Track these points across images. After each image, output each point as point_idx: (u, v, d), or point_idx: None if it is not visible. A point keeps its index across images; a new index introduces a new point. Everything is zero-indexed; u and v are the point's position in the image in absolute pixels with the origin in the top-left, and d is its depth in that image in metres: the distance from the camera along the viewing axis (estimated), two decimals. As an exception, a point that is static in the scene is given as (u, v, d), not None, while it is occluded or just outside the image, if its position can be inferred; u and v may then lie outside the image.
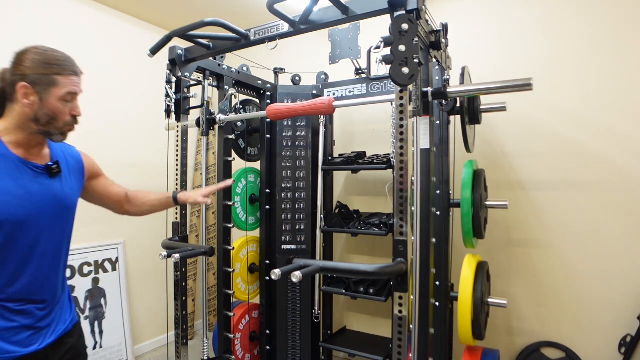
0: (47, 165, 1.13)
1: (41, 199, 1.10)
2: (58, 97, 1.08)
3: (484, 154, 2.40)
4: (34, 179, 1.09)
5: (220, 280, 2.22)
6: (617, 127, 2.12)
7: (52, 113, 1.08)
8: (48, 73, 1.06)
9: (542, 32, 2.29)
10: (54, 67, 1.07)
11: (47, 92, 1.06)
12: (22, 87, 1.04)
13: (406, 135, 1.27)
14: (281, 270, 1.17)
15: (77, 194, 1.26)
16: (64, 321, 1.20)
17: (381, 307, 2.73)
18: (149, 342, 3.11)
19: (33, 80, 1.05)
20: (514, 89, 1.44)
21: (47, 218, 1.12)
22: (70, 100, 1.11)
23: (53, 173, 1.14)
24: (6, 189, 1.03)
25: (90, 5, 2.75)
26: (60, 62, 1.09)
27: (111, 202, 1.43)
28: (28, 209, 1.07)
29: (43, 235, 1.11)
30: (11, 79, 1.06)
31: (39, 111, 1.06)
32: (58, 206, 1.15)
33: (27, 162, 1.09)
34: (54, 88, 1.07)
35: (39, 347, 1.10)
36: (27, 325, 1.08)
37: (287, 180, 2.48)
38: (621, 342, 2.10)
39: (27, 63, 1.06)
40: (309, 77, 2.68)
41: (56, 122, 1.10)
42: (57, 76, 1.07)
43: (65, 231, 1.21)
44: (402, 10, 1.29)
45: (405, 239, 1.27)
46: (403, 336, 1.26)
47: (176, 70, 1.93)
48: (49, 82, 1.06)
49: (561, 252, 2.25)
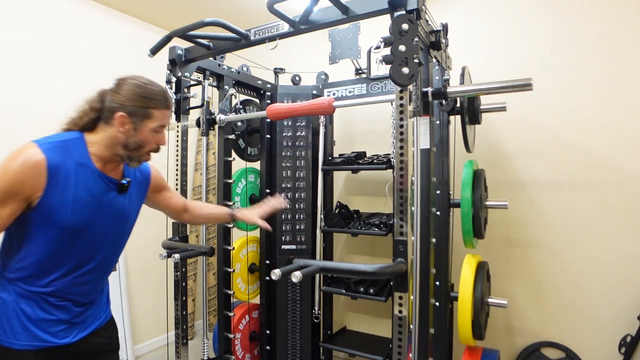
0: (120, 183, 1.21)
1: (107, 212, 1.17)
2: (150, 129, 1.16)
3: (484, 154, 2.40)
4: (105, 192, 1.17)
5: (220, 280, 2.22)
6: (617, 127, 2.12)
7: (141, 142, 1.16)
8: (145, 106, 1.13)
9: (542, 32, 2.29)
10: (152, 101, 1.14)
11: (142, 123, 1.14)
12: (120, 116, 1.12)
13: (406, 135, 1.27)
14: (281, 270, 1.17)
15: (138, 209, 1.34)
16: (98, 318, 1.26)
17: (381, 307, 2.73)
18: (149, 342, 3.11)
19: (131, 111, 1.12)
20: (514, 89, 1.44)
21: (108, 230, 1.19)
22: (159, 132, 1.19)
23: (122, 190, 1.22)
24: (80, 197, 1.10)
25: (89, 5, 2.74)
26: (157, 96, 1.16)
27: (169, 211, 1.55)
28: (94, 219, 1.14)
29: (100, 245, 1.19)
30: (110, 105, 1.13)
31: (130, 138, 1.14)
32: (119, 221, 1.23)
33: (102, 175, 1.16)
34: (148, 120, 1.15)
35: (72, 340, 1.16)
36: (63, 319, 1.14)
37: (287, 180, 2.48)
38: (621, 342, 2.10)
39: (127, 93, 1.13)
40: (309, 77, 2.68)
41: (142, 149, 1.18)
42: (152, 110, 1.15)
43: (120, 244, 1.29)
44: (402, 10, 1.29)
45: (405, 239, 1.27)
46: (403, 336, 1.26)
47: (176, 70, 1.93)
48: (144, 115, 1.14)
49: (561, 252, 2.25)
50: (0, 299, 1.09)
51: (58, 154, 1.06)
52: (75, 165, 1.09)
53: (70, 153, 1.09)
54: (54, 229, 1.07)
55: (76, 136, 1.13)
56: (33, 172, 1.01)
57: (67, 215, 1.07)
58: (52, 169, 1.04)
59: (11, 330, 1.07)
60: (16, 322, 1.07)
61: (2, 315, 1.08)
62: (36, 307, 1.10)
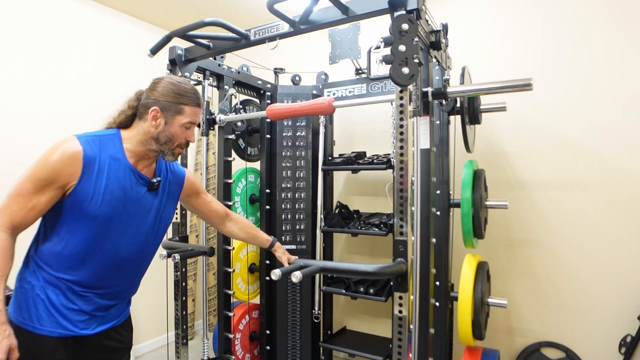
0: (150, 181, 1.26)
1: (134, 206, 1.22)
2: (180, 124, 1.22)
3: (484, 154, 2.40)
4: (135, 187, 1.21)
5: (220, 280, 2.22)
6: (618, 127, 2.12)
7: (171, 136, 1.22)
8: (177, 102, 1.20)
9: (542, 32, 2.29)
10: (183, 97, 1.21)
11: (173, 118, 1.21)
12: (153, 110, 1.19)
13: (406, 135, 1.27)
14: (281, 270, 1.17)
15: (169, 211, 1.36)
16: (118, 314, 1.30)
17: (381, 307, 2.73)
18: (149, 342, 3.11)
19: (164, 106, 1.20)
20: (514, 89, 1.44)
21: (133, 225, 1.22)
22: (189, 128, 1.25)
23: (153, 188, 1.27)
24: (111, 188, 1.15)
25: (89, 5, 2.74)
26: (189, 94, 1.22)
27: (211, 218, 1.57)
28: (120, 210, 1.18)
29: (127, 239, 1.21)
30: (145, 101, 1.21)
31: (161, 132, 1.21)
32: (147, 217, 1.26)
33: (135, 171, 1.22)
34: (179, 116, 1.21)
35: (90, 332, 1.20)
36: (85, 310, 1.18)
37: (287, 180, 2.48)
38: (621, 342, 2.10)
39: (161, 90, 1.21)
40: (309, 77, 2.68)
41: (171, 144, 1.23)
42: (184, 106, 1.21)
43: (149, 244, 1.30)
44: (402, 10, 1.29)
45: (405, 239, 1.27)
46: (403, 336, 1.26)
47: (176, 70, 1.93)
48: (176, 110, 1.21)
49: (561, 252, 2.25)
50: (29, 283, 1.13)
51: (94, 147, 1.14)
52: (109, 159, 1.16)
53: (105, 147, 1.16)
54: (84, 218, 1.12)
55: (113, 132, 1.21)
56: (70, 161, 1.09)
57: (97, 204, 1.12)
58: (87, 159, 1.11)
59: (37, 314, 1.11)
60: (42, 307, 1.12)
61: (30, 300, 1.12)
62: (61, 295, 1.14)
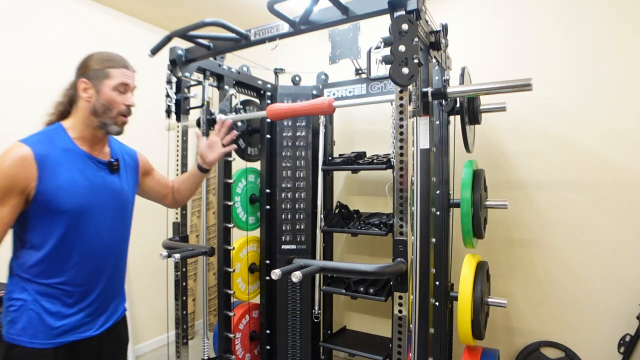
0: (109, 162, 1.25)
1: (103, 192, 1.21)
2: (111, 87, 1.19)
3: (483, 154, 2.40)
4: (97, 173, 1.21)
5: (220, 280, 2.22)
6: (617, 127, 2.12)
7: (107, 102, 1.19)
8: (102, 67, 1.19)
9: (542, 32, 2.29)
10: (107, 62, 1.20)
11: (102, 84, 1.19)
12: (81, 82, 1.18)
13: (406, 135, 1.27)
14: (281, 270, 1.17)
15: (133, 190, 1.37)
16: (117, 310, 1.30)
17: (381, 307, 2.73)
18: (149, 342, 3.11)
19: (90, 75, 1.19)
20: (514, 89, 1.44)
21: (108, 210, 1.22)
22: (123, 92, 1.22)
23: (113, 169, 1.26)
24: (74, 180, 1.14)
25: (89, 5, 2.75)
26: (112, 57, 1.22)
27: (162, 195, 1.55)
28: (92, 199, 1.17)
29: (105, 227, 1.21)
30: (74, 80, 1.22)
31: (96, 103, 1.18)
32: (117, 200, 1.26)
33: (91, 157, 1.20)
34: (107, 80, 1.19)
35: (94, 333, 1.19)
36: (84, 310, 1.17)
37: (287, 180, 2.48)
38: (620, 341, 2.10)
39: (85, 63, 1.21)
40: (309, 77, 2.68)
41: (110, 112, 1.20)
42: (109, 69, 1.20)
43: (125, 227, 1.31)
44: (402, 11, 1.29)
45: (405, 239, 1.27)
46: (403, 336, 1.27)
47: (176, 71, 1.93)
48: (103, 75, 1.19)
49: (561, 252, 2.25)
50: (20, 300, 1.11)
51: (43, 145, 1.12)
52: (61, 152, 1.14)
53: (53, 142, 1.14)
54: (57, 216, 1.10)
55: (55, 126, 1.19)
56: (22, 165, 1.06)
57: (66, 198, 1.11)
58: (40, 158, 1.08)
59: (32, 330, 1.09)
60: (37, 322, 1.09)
61: (23, 316, 1.09)
62: (57, 302, 1.12)
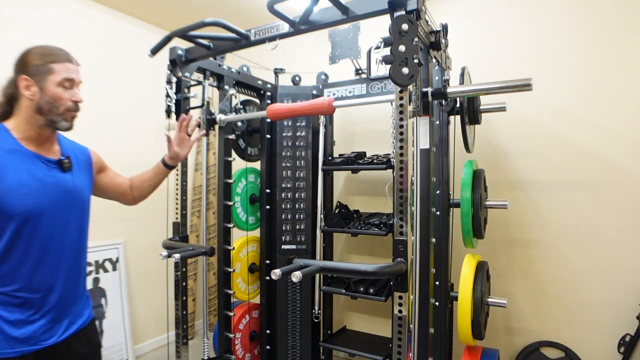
0: (60, 160, 1.19)
1: (55, 192, 1.15)
2: (56, 83, 1.13)
3: (483, 154, 2.40)
4: (47, 172, 1.15)
5: (220, 280, 2.22)
6: (617, 127, 2.12)
7: (52, 99, 1.13)
8: (44, 62, 1.13)
9: (542, 32, 2.29)
10: (49, 56, 1.14)
11: (45, 80, 1.12)
12: (22, 79, 1.12)
13: (406, 135, 1.27)
14: (281, 270, 1.17)
15: (88, 188, 1.31)
16: (82, 314, 1.25)
17: (381, 307, 2.73)
18: (149, 342, 3.11)
19: (31, 72, 1.12)
20: (514, 89, 1.44)
21: (62, 210, 1.16)
22: (69, 87, 1.16)
23: (65, 167, 1.20)
24: (23, 181, 1.08)
25: (89, 6, 2.75)
26: (54, 51, 1.15)
27: (119, 192, 1.48)
28: (44, 200, 1.12)
29: (60, 228, 1.16)
30: (13, 77, 1.14)
31: (40, 100, 1.12)
32: (71, 199, 1.20)
33: (40, 157, 1.15)
34: (51, 75, 1.13)
35: (59, 339, 1.14)
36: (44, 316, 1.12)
37: (287, 180, 2.48)
38: (620, 341, 2.10)
39: (25, 59, 1.14)
40: (309, 77, 2.68)
41: (57, 109, 1.14)
42: (52, 64, 1.13)
43: (81, 226, 1.25)
44: (402, 11, 1.29)
45: (405, 239, 1.27)
46: (403, 336, 1.27)
47: (176, 71, 1.93)
48: (45, 71, 1.12)
49: (561, 251, 2.25)
50: None
51: None
52: (6, 154, 1.08)
53: None
54: (7, 221, 1.06)
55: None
56: None
57: (16, 201, 1.06)
58: None
59: None
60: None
61: None
62: (15, 310, 1.07)
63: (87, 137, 2.64)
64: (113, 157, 2.84)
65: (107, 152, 2.80)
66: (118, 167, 2.81)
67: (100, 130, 2.74)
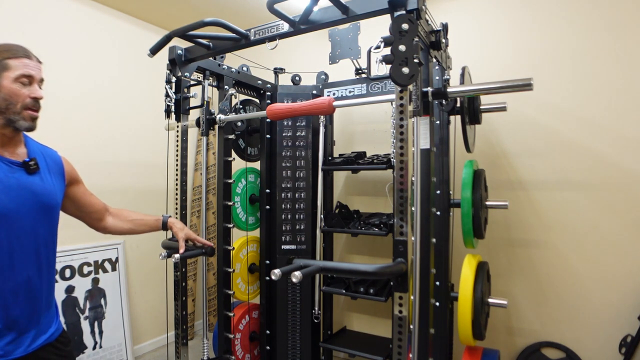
0: (24, 162, 1.13)
1: (20, 194, 1.10)
2: (12, 80, 1.09)
3: (484, 154, 2.40)
4: (10, 175, 1.09)
5: (220, 280, 2.21)
6: (617, 127, 2.11)
7: (8, 96, 1.09)
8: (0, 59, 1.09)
9: (542, 32, 2.29)
10: (4, 52, 1.10)
11: (1, 77, 1.08)
12: None
13: (406, 135, 1.27)
14: (281, 270, 1.17)
15: (59, 193, 1.24)
16: (51, 325, 1.19)
17: (381, 307, 2.73)
18: (149, 342, 3.11)
19: None
20: (514, 89, 1.44)
21: (28, 214, 1.11)
22: (28, 84, 1.12)
23: (31, 169, 1.14)
24: None
25: (89, 5, 2.74)
26: (10, 47, 1.12)
27: (89, 212, 1.40)
28: (6, 203, 1.06)
29: (26, 232, 1.10)
30: None
31: None
32: (39, 202, 1.14)
33: (2, 158, 1.10)
34: (6, 72, 1.09)
35: (25, 352, 1.09)
36: (8, 326, 1.07)
37: (287, 180, 2.47)
38: (621, 342, 2.09)
39: None
40: (309, 77, 2.68)
41: (14, 106, 1.10)
42: (8, 60, 1.09)
43: (50, 229, 1.19)
44: (402, 10, 1.29)
45: (405, 239, 1.26)
46: (403, 336, 1.26)
47: (176, 70, 1.93)
48: (1, 67, 1.09)
49: (561, 252, 2.25)
50: None
51: None
52: None
53: None
54: None
55: None
56: None
57: None
58: None
59: None
60: None
61: None
62: None
63: (87, 136, 2.65)
64: (112, 156, 2.87)
65: (106, 151, 2.83)
66: (117, 167, 2.82)
67: (99, 130, 2.73)
